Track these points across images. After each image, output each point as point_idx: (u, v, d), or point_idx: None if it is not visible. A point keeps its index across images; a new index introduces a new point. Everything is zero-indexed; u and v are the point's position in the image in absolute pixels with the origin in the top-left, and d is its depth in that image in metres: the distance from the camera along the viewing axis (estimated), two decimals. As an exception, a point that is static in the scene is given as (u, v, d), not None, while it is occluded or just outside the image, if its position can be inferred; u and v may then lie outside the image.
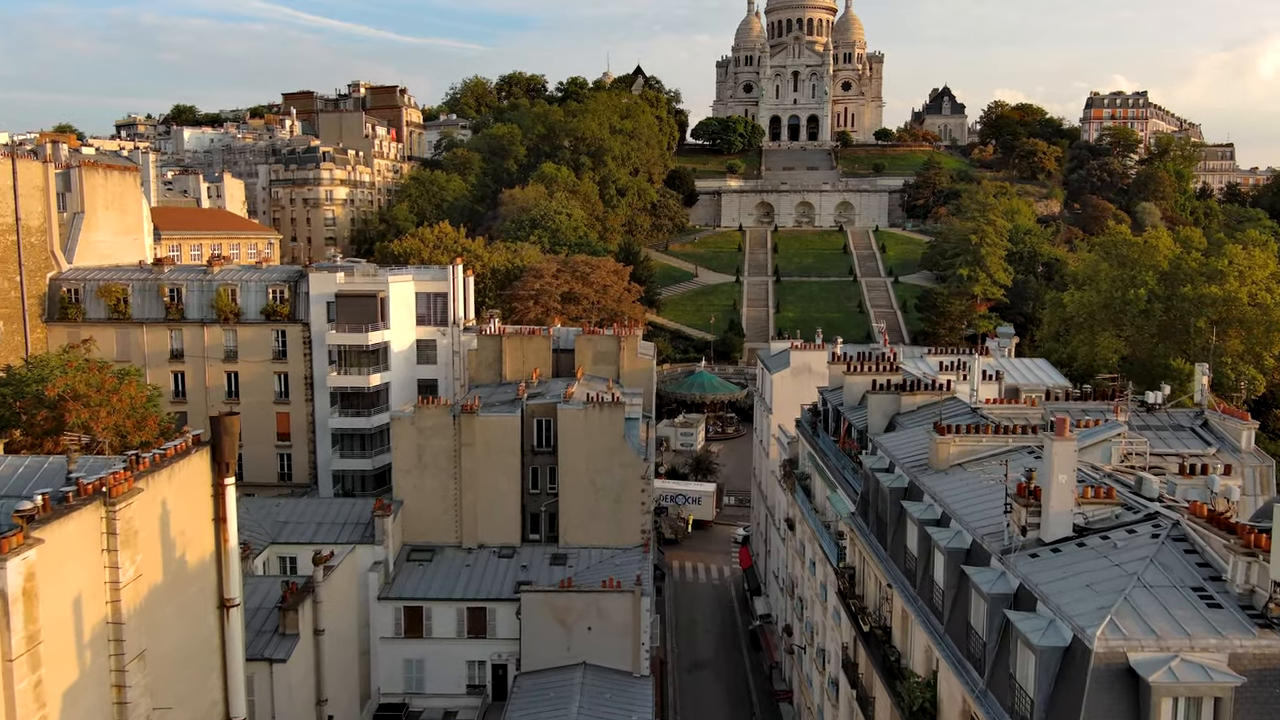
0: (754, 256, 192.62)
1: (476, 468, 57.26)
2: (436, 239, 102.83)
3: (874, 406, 42.52)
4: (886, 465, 36.75)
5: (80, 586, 25.14)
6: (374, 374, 70.55)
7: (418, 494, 57.34)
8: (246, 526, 54.42)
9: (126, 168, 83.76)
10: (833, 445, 47.05)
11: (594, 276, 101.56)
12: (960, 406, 40.65)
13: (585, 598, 50.14)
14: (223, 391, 72.48)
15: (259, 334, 72.18)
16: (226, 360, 72.26)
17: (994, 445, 33.01)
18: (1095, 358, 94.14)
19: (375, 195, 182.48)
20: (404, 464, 57.46)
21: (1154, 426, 38.14)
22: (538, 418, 58.92)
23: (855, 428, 43.95)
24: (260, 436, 72.73)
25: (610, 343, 69.82)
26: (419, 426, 57.03)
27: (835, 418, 48.57)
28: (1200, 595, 21.60)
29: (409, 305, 73.71)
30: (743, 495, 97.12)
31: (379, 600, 52.86)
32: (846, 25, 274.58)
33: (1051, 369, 55.26)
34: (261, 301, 72.21)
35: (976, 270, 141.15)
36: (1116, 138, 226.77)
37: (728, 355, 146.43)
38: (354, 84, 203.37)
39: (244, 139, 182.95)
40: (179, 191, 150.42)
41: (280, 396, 72.60)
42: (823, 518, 46.44)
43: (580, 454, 57.19)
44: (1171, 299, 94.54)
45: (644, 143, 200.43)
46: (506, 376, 68.90)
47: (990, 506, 28.65)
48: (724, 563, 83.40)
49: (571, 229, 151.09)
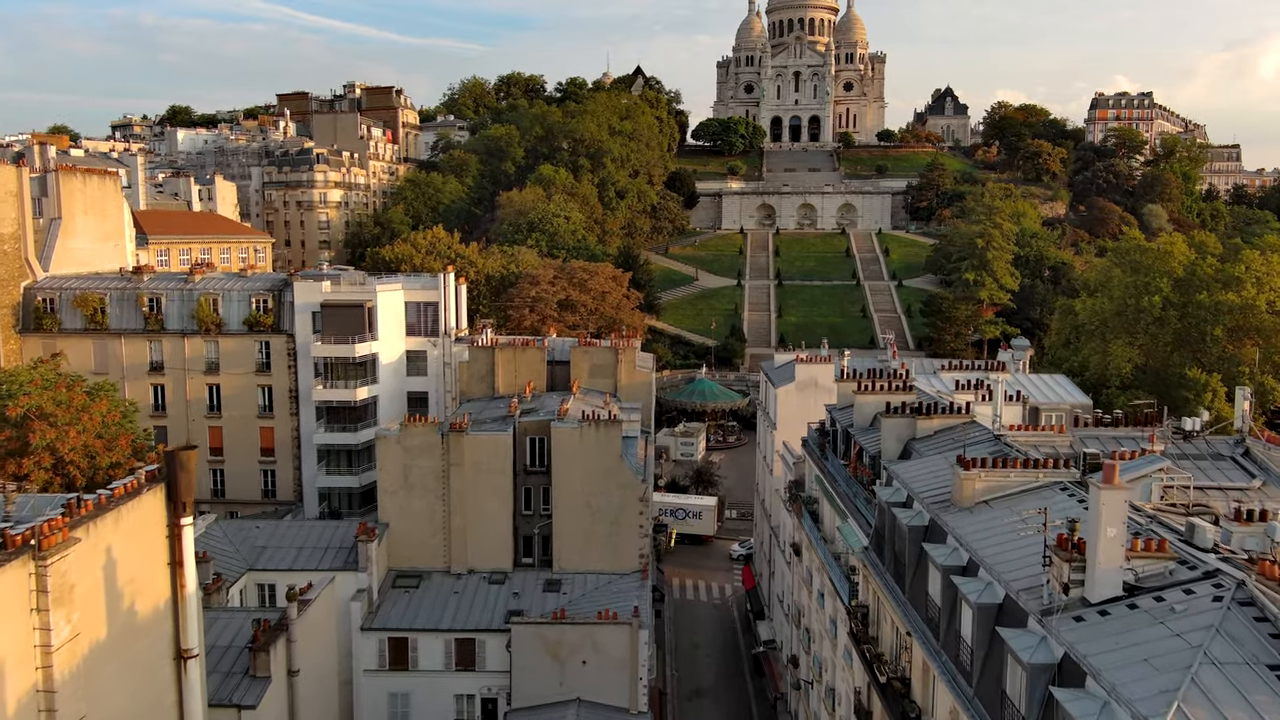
0: (755, 260, 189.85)
1: (466, 489, 54.41)
2: (430, 244, 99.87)
3: (888, 431, 39.75)
4: (904, 499, 33.96)
5: (2, 654, 22.31)
6: (361, 387, 67.74)
7: (404, 516, 54.50)
8: (222, 553, 51.85)
9: (107, 172, 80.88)
10: (842, 470, 44.23)
11: (592, 283, 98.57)
12: (981, 432, 37.86)
13: (580, 630, 47.34)
14: (204, 405, 69.71)
15: (242, 345, 69.37)
16: (208, 372, 69.45)
17: (1023, 480, 30.20)
18: (1108, 367, 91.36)
19: (370, 198, 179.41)
20: (389, 485, 54.62)
21: (1192, 456, 35.29)
22: (531, 436, 56.12)
23: (867, 453, 41.15)
24: (243, 452, 70.02)
25: (607, 355, 67.00)
26: (405, 445, 54.20)
27: (845, 440, 45.77)
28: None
29: (398, 315, 70.89)
30: (745, 508, 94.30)
31: (362, 631, 50.04)
32: (848, 25, 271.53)
33: (1072, 386, 52.38)
34: (244, 311, 69.39)
35: (983, 274, 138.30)
36: (1122, 139, 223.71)
37: (729, 361, 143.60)
38: (349, 85, 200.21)
39: (237, 140, 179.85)
40: (170, 194, 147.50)
41: (264, 410, 69.79)
42: (832, 548, 43.63)
43: (575, 475, 54.36)
44: (1187, 306, 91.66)
45: (644, 144, 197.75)
46: (499, 390, 66.14)
47: (1025, 555, 25.84)
48: (725, 580, 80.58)
49: (570, 232, 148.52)
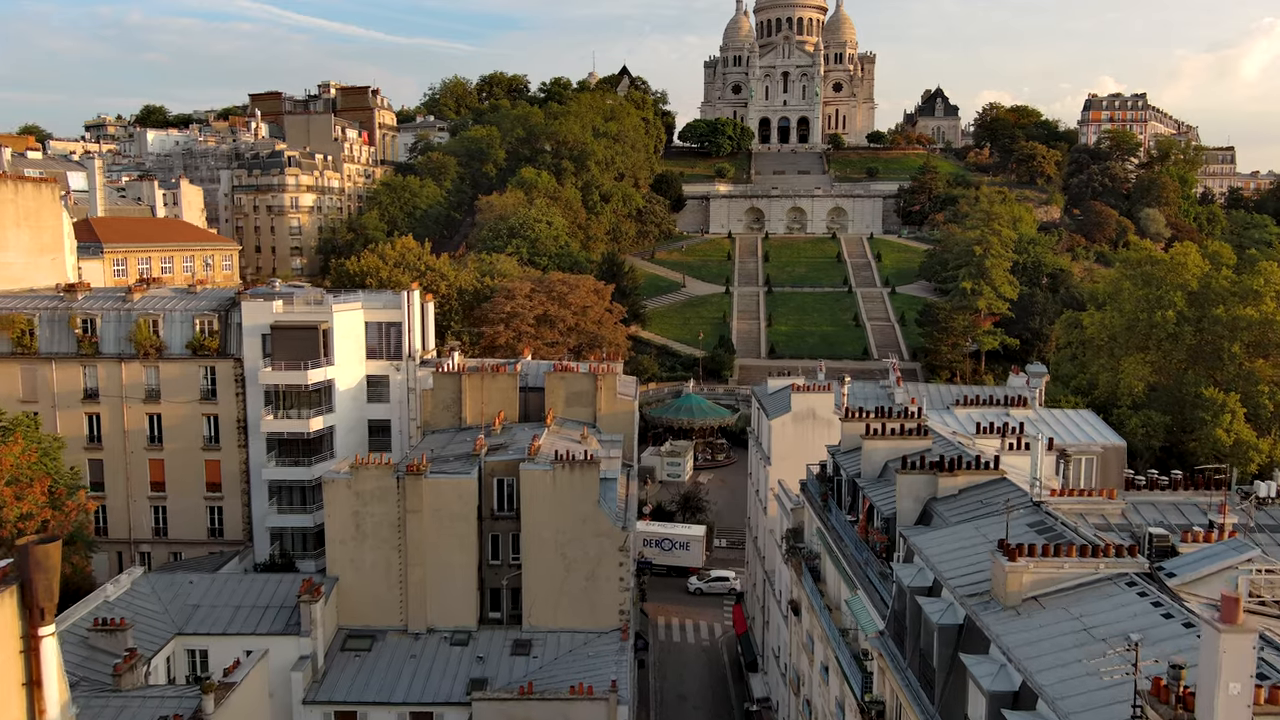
0: (744, 265, 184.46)
1: (425, 538, 48.61)
2: (399, 256, 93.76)
3: (904, 489, 34.19)
4: (929, 583, 28.38)
5: None
6: (315, 417, 61.75)
7: (356, 569, 48.69)
8: (148, 614, 45.91)
9: (43, 179, 74.59)
10: (849, 529, 38.64)
11: (572, 297, 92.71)
12: (1015, 494, 32.30)
13: (550, 706, 41.62)
14: (144, 436, 63.62)
15: (185, 371, 63.30)
16: (148, 401, 63.35)
17: (1080, 572, 24.61)
18: (1119, 386, 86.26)
19: (345, 202, 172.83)
20: (339, 534, 48.76)
21: (1266, 527, 29.90)
22: (498, 477, 50.39)
23: (880, 513, 35.57)
24: (187, 487, 63.99)
25: (586, 381, 61.28)
26: (356, 490, 48.36)
27: (852, 491, 40.20)
28: None
29: (357, 337, 64.98)
30: (734, 536, 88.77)
31: (304, 704, 44.23)
32: (837, 25, 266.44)
33: (1101, 423, 46.92)
34: (188, 334, 63.34)
35: (980, 283, 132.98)
36: (1116, 141, 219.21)
37: (717, 373, 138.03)
38: (324, 84, 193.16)
39: (206, 142, 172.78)
40: (133, 199, 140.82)
41: (210, 442, 63.76)
42: (838, 621, 38.03)
43: (547, 522, 48.64)
44: (1202, 321, 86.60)
45: (629, 146, 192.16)
46: (466, 420, 60.39)
47: (1099, 690, 20.26)
48: (714, 618, 74.92)
49: (551, 238, 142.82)
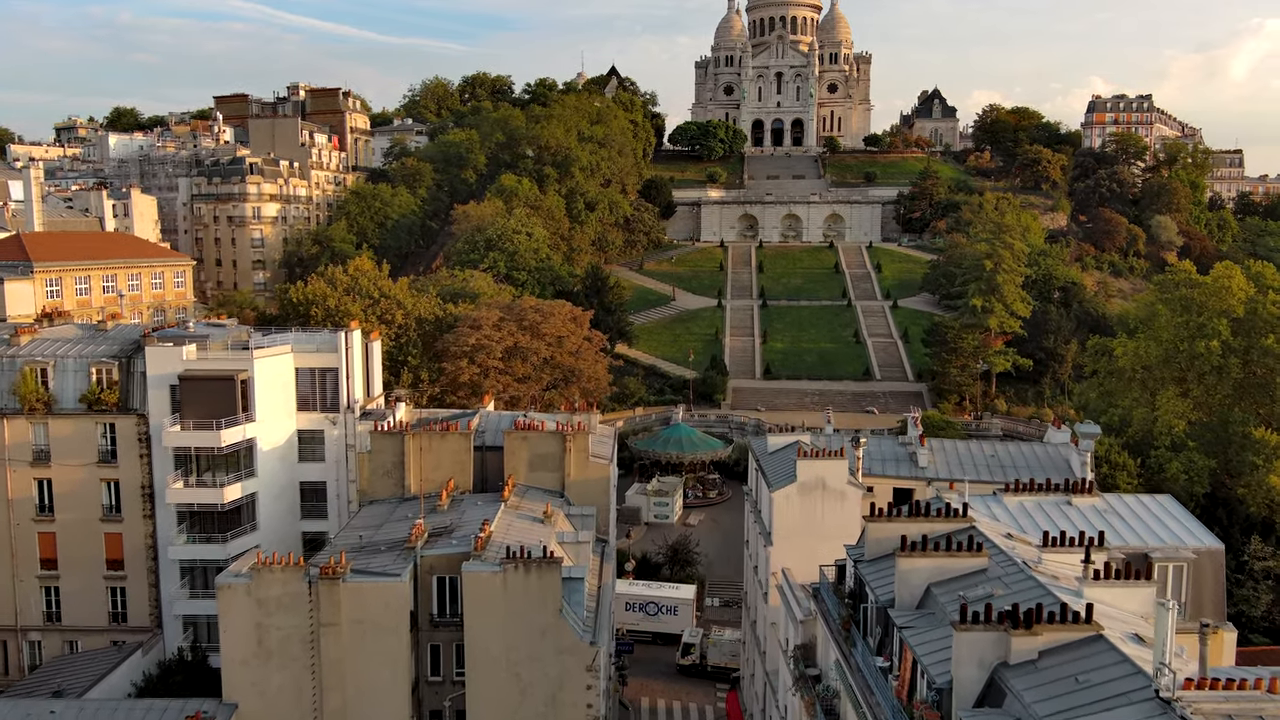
0: (737, 276, 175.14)
1: (345, 656, 39.17)
2: (351, 280, 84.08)
3: (965, 651, 24.90)
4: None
5: None
6: (232, 484, 52.14)
7: (259, 695, 39.16)
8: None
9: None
10: (883, 683, 29.16)
11: (545, 326, 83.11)
12: (1119, 665, 23.05)
13: None
14: (32, 505, 53.86)
15: (80, 428, 53.58)
16: (36, 463, 53.59)
17: None
18: (1155, 423, 77.16)
19: (312, 211, 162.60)
20: (238, 651, 39.22)
21: None
22: (439, 575, 40.98)
23: (929, 677, 26.18)
24: (84, 565, 54.26)
25: (553, 442, 51.73)
26: (258, 598, 38.84)
27: (882, 624, 30.81)
28: None
29: (286, 385, 55.39)
30: (728, 593, 79.36)
31: None
32: (832, 24, 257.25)
33: (1184, 511, 37.54)
34: (83, 385, 53.63)
35: (991, 300, 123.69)
36: (1122, 144, 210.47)
37: (709, 396, 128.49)
38: (293, 85, 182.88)
39: (165, 148, 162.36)
40: (80, 210, 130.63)
41: (110, 511, 54.07)
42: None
43: (497, 635, 39.21)
44: (1250, 352, 77.65)
45: (616, 151, 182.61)
46: (410, 488, 50.90)
47: None
48: (705, 700, 65.50)
49: (531, 251, 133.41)
